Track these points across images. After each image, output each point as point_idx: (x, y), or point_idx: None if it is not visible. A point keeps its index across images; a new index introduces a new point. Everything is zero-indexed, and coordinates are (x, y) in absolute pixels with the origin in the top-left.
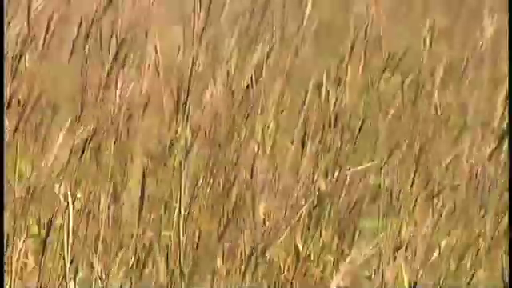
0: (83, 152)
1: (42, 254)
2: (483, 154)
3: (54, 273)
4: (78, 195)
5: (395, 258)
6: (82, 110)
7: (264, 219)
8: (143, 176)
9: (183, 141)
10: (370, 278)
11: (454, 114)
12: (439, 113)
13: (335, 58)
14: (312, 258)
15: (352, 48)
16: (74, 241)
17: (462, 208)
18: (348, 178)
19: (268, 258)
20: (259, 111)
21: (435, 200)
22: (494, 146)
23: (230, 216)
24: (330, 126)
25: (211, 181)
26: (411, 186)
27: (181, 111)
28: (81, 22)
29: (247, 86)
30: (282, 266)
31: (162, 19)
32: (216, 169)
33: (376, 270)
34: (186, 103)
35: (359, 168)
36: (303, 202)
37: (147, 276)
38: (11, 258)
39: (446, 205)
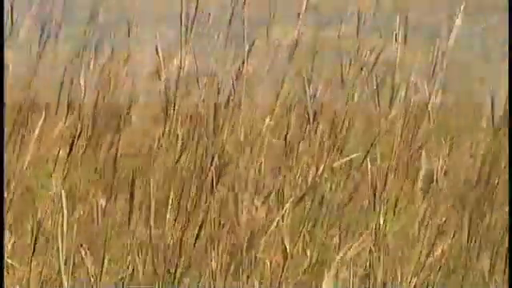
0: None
1: (33, 254)
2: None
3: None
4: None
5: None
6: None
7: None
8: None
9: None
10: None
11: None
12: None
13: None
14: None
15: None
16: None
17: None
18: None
19: (255, 256)
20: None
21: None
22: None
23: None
24: (308, 122)
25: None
26: (394, 177)
27: (170, 110)
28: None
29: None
30: (268, 264)
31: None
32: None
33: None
34: (174, 104)
35: (342, 161)
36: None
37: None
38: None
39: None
